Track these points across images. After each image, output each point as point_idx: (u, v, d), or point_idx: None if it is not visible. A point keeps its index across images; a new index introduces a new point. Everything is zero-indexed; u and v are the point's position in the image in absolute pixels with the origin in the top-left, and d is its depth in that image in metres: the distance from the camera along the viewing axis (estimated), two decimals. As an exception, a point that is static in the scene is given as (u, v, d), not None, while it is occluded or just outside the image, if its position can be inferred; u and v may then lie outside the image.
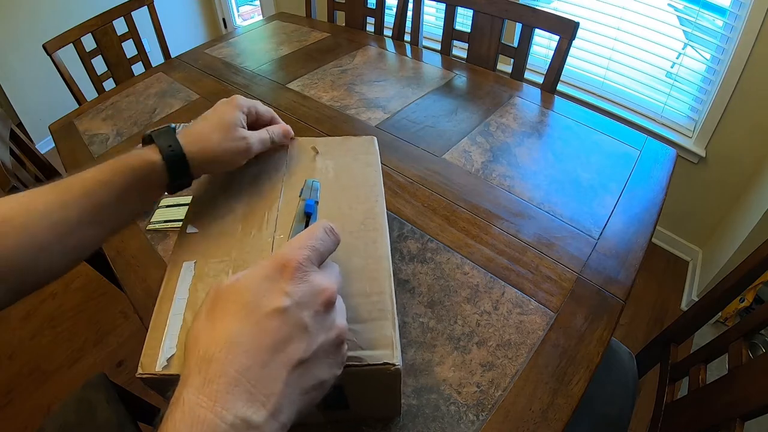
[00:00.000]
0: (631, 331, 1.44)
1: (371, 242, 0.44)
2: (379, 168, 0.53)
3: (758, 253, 0.62)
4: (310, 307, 0.27)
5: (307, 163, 0.53)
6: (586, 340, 0.56)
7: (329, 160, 0.53)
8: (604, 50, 1.56)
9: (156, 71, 1.28)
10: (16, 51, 2.15)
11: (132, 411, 0.75)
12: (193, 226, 0.46)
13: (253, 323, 0.26)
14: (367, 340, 0.36)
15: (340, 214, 0.47)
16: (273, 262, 0.28)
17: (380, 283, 0.40)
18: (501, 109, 1.00)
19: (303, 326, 0.27)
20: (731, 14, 1.25)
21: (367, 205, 0.48)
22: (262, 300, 0.26)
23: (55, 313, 1.60)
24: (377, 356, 0.35)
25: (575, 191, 0.77)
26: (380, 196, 0.49)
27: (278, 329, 0.26)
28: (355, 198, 0.48)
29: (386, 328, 0.37)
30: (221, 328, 0.26)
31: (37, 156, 1.04)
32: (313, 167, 0.52)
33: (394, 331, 0.37)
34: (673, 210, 1.61)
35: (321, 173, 0.52)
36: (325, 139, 0.56)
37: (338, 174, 0.52)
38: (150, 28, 1.46)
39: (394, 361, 0.35)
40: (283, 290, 0.27)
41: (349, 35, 1.39)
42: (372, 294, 0.39)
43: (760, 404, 0.50)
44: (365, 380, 0.37)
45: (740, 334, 0.61)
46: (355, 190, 0.50)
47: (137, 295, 0.65)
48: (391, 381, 0.37)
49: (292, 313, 0.26)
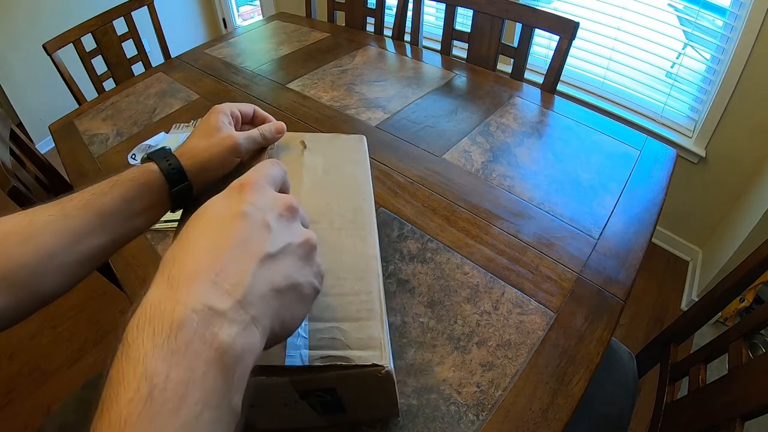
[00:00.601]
0: (631, 331, 1.44)
1: (360, 241, 0.43)
2: (368, 167, 0.52)
3: (758, 253, 0.62)
4: (273, 210, 0.28)
5: (294, 156, 0.52)
6: (586, 340, 0.56)
7: (318, 156, 0.53)
8: (604, 50, 1.56)
9: (156, 71, 1.29)
10: (16, 51, 2.15)
11: (132, 411, 0.75)
12: None
13: (215, 228, 0.26)
14: (356, 339, 0.35)
15: (328, 210, 0.46)
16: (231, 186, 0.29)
17: (368, 283, 0.39)
18: (501, 109, 1.00)
19: (266, 225, 0.27)
20: (731, 14, 1.25)
21: (355, 203, 0.47)
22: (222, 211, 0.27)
23: (55, 313, 1.60)
24: (366, 357, 0.34)
25: (575, 191, 0.77)
26: (369, 195, 0.48)
27: (241, 229, 0.26)
28: (343, 195, 0.48)
29: (374, 328, 0.36)
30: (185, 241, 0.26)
31: (37, 156, 1.04)
32: (300, 161, 0.52)
33: (382, 333, 0.36)
34: (673, 210, 1.60)
35: (309, 168, 0.51)
36: (314, 135, 0.56)
37: (327, 170, 0.51)
38: (150, 28, 1.46)
39: (383, 363, 0.34)
40: (243, 200, 0.27)
41: (349, 35, 1.39)
42: (360, 293, 0.39)
43: (760, 404, 0.50)
44: (356, 382, 0.37)
45: (740, 334, 0.61)
46: (344, 187, 0.49)
47: (137, 295, 0.65)
48: (384, 383, 0.36)
49: (254, 215, 0.27)
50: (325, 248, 0.41)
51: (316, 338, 0.35)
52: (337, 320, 0.36)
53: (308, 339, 0.35)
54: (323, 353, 0.34)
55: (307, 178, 0.50)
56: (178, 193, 0.43)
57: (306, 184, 0.49)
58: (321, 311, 0.37)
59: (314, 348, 0.35)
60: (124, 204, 0.40)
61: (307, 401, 0.38)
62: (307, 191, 0.48)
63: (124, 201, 0.40)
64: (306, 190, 0.48)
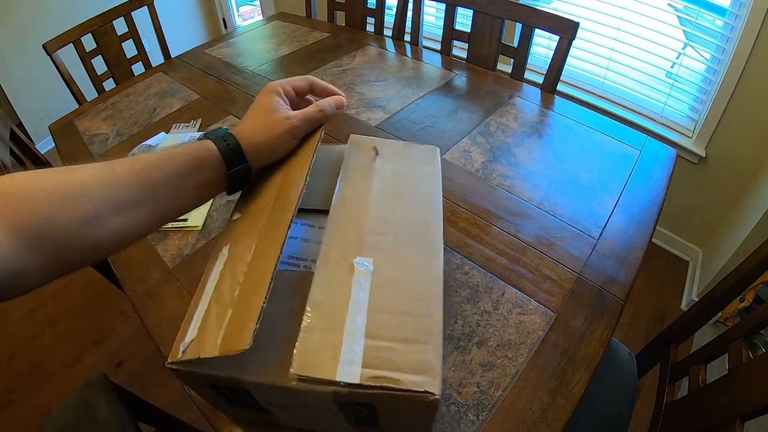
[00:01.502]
0: (631, 331, 1.44)
1: (424, 260, 0.41)
2: (440, 181, 0.50)
3: (758, 253, 0.62)
4: None
5: (365, 162, 0.51)
6: (586, 340, 0.56)
7: (389, 164, 0.51)
8: (604, 50, 1.56)
9: (156, 71, 1.29)
10: (16, 51, 2.15)
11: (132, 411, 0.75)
12: (237, 212, 0.46)
13: None
14: (409, 362, 0.34)
15: (395, 222, 0.44)
16: None
17: (429, 304, 0.38)
18: (501, 109, 1.00)
19: None
20: (731, 14, 1.25)
21: (423, 218, 0.45)
22: None
23: (55, 313, 1.60)
24: (417, 382, 0.33)
25: (575, 191, 0.77)
26: (438, 211, 0.46)
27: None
28: (412, 208, 0.46)
29: (430, 353, 0.35)
30: None
31: (37, 156, 1.04)
32: (371, 167, 0.50)
33: (438, 358, 0.34)
34: (673, 210, 1.60)
35: (379, 175, 0.49)
36: (386, 141, 0.54)
37: (397, 180, 0.49)
38: (150, 28, 1.46)
39: (434, 390, 0.33)
40: None
41: (349, 35, 1.39)
42: (420, 314, 0.37)
43: (760, 404, 0.50)
44: (401, 405, 0.35)
45: (740, 334, 0.61)
46: (413, 200, 0.47)
47: (137, 295, 0.65)
48: (428, 409, 0.35)
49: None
50: (388, 262, 0.40)
51: (370, 356, 0.34)
52: (393, 339, 0.35)
53: (362, 356, 0.34)
54: (375, 372, 0.33)
55: (376, 185, 0.48)
56: (236, 174, 0.42)
57: (375, 191, 0.47)
58: (378, 329, 0.36)
59: (366, 366, 0.34)
60: (177, 179, 0.39)
61: (342, 412, 0.38)
62: (376, 199, 0.46)
63: (178, 176, 0.39)
64: (374, 197, 0.47)
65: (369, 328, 0.36)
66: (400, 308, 0.37)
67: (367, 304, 0.37)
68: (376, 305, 0.37)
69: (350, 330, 0.35)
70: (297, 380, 0.33)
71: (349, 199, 0.46)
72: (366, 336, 0.35)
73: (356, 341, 0.35)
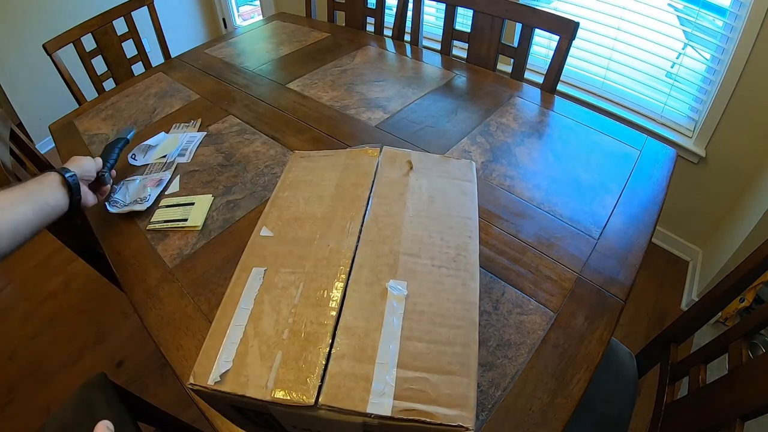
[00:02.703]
0: (631, 331, 1.44)
1: (461, 284, 0.39)
2: (476, 199, 0.48)
3: (758, 253, 0.62)
4: None
5: (399, 177, 0.49)
6: (586, 340, 0.56)
7: (423, 179, 0.49)
8: (604, 50, 1.56)
9: (156, 71, 1.29)
10: (16, 51, 2.15)
11: (132, 411, 0.75)
12: (267, 228, 0.44)
13: None
14: (444, 394, 0.32)
15: (431, 243, 0.42)
16: None
17: (465, 334, 0.36)
18: (501, 109, 1.00)
19: None
20: (731, 14, 1.25)
21: (459, 239, 0.43)
22: None
23: (55, 313, 1.60)
24: (451, 416, 0.31)
25: (575, 191, 0.77)
26: (474, 232, 0.44)
27: None
28: (447, 228, 0.44)
29: (465, 386, 0.33)
30: None
31: (37, 156, 1.04)
32: (405, 182, 0.48)
33: (473, 392, 0.33)
34: (673, 210, 1.60)
35: (414, 192, 0.47)
36: (420, 155, 0.53)
37: (433, 197, 0.47)
38: (150, 28, 1.46)
39: (469, 425, 0.31)
40: None
41: (349, 35, 1.39)
42: (455, 344, 0.35)
43: (760, 404, 0.50)
44: None
45: (740, 334, 0.61)
46: (450, 220, 0.45)
47: (137, 295, 0.65)
48: None
49: None
50: (423, 287, 0.38)
51: (402, 387, 0.33)
52: (427, 370, 0.34)
53: (394, 387, 0.33)
54: (407, 405, 0.32)
55: (411, 203, 0.47)
56: None
57: (410, 210, 0.46)
58: (411, 358, 0.34)
59: (398, 398, 0.32)
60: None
61: None
62: (411, 219, 0.45)
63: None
64: (410, 216, 0.45)
65: (402, 357, 0.34)
66: (435, 337, 0.36)
67: (401, 330, 0.36)
68: (409, 332, 0.36)
69: (382, 358, 0.34)
70: (326, 410, 0.32)
71: (382, 217, 0.44)
72: (398, 365, 0.34)
73: (388, 371, 0.33)
